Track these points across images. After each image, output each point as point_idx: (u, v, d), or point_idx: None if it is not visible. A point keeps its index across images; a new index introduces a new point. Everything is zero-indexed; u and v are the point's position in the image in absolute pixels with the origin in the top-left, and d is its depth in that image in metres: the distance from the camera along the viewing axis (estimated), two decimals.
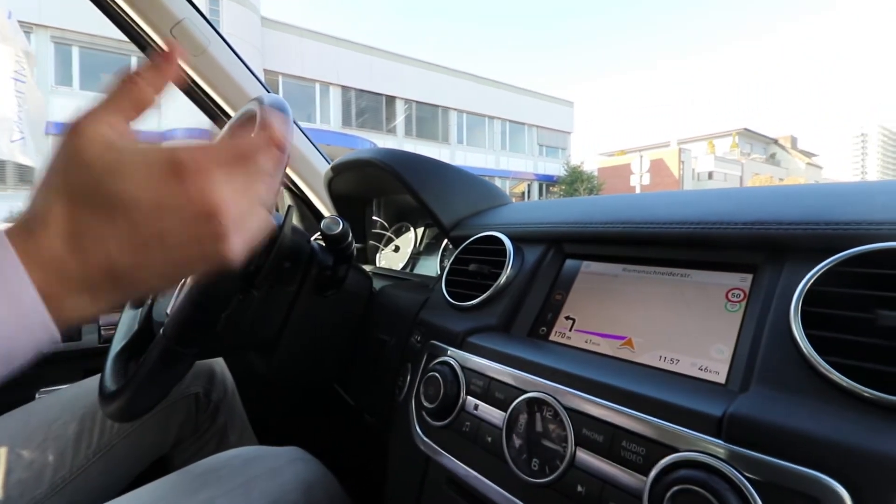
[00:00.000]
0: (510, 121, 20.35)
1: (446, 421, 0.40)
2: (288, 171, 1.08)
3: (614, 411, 0.30)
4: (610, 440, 0.29)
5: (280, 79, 13.91)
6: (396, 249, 1.01)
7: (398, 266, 0.96)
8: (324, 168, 1.00)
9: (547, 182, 21.84)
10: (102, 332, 0.89)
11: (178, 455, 0.75)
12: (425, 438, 0.42)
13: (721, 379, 0.33)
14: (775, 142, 35.25)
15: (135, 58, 0.81)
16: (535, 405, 0.34)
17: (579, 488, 0.30)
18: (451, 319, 0.50)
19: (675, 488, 0.24)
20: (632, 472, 0.28)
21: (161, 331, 0.46)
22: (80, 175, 0.22)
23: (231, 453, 0.57)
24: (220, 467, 0.53)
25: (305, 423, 1.03)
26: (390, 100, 16.90)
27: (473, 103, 18.75)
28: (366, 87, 15.96)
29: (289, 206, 0.56)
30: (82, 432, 0.63)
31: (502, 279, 0.51)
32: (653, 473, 0.26)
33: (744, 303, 0.35)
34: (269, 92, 0.94)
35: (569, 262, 0.50)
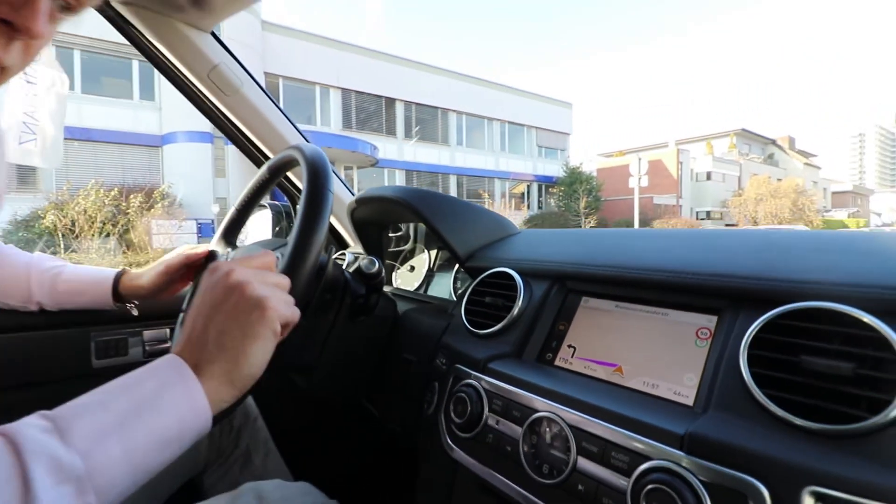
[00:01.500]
0: (509, 122, 20.47)
1: (472, 433, 0.49)
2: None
3: (606, 428, 0.39)
4: (602, 450, 0.39)
5: (281, 82, 13.99)
6: (412, 269, 1.11)
7: (414, 284, 1.06)
8: (347, 197, 1.09)
9: (546, 183, 21.97)
10: (147, 349, 0.98)
11: (207, 478, 0.82)
12: (455, 447, 0.51)
13: (690, 402, 0.42)
14: (773, 142, 35.49)
15: (135, 61, 0.90)
16: (544, 422, 0.44)
17: (580, 487, 0.39)
18: (472, 346, 0.59)
19: (649, 487, 0.34)
20: (619, 475, 0.37)
21: None
22: (210, 295, 0.39)
23: (241, 490, 0.60)
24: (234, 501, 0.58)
25: (330, 443, 1.13)
26: (390, 102, 17.00)
27: (472, 105, 18.87)
28: (366, 90, 16.05)
29: (330, 247, 0.65)
30: None
31: (515, 310, 0.60)
32: (633, 476, 0.36)
33: (709, 340, 0.45)
34: (299, 132, 1.03)
35: (571, 297, 0.59)
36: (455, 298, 0.88)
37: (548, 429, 0.43)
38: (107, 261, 7.54)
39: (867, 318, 0.34)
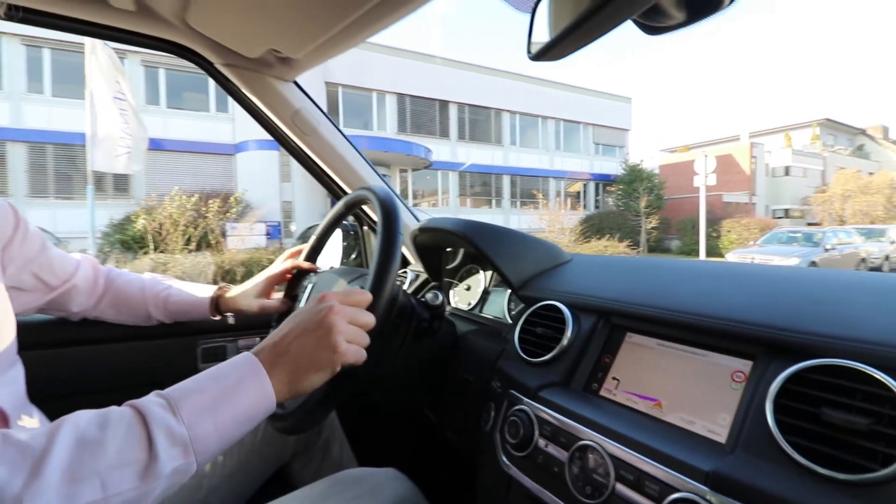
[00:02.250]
0: (564, 120, 20.04)
1: (524, 453, 0.57)
2: (372, 214, 1.29)
3: (642, 460, 0.45)
4: (638, 479, 0.45)
5: (340, 90, 14.65)
6: (468, 288, 1.19)
7: (469, 303, 1.14)
8: (411, 220, 1.20)
9: (604, 181, 21.29)
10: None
11: (294, 465, 0.95)
12: (509, 464, 0.59)
13: (723, 440, 0.47)
14: (863, 132, 32.00)
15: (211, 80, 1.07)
16: (588, 449, 0.50)
17: None
18: (524, 373, 0.66)
19: None
20: (651, 501, 0.43)
21: None
22: (301, 317, 0.50)
23: (339, 476, 0.69)
24: (330, 487, 0.66)
25: (394, 441, 1.24)
26: (444, 104, 17.23)
27: (526, 104, 18.67)
28: (420, 94, 16.38)
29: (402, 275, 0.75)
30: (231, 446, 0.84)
31: (564, 341, 0.66)
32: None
33: (743, 384, 0.49)
34: (371, 166, 1.15)
35: (616, 331, 0.65)
36: (509, 319, 0.95)
37: (591, 455, 0.50)
38: (189, 260, 8.32)
39: (885, 378, 0.38)
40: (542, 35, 0.59)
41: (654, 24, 0.56)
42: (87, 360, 1.00)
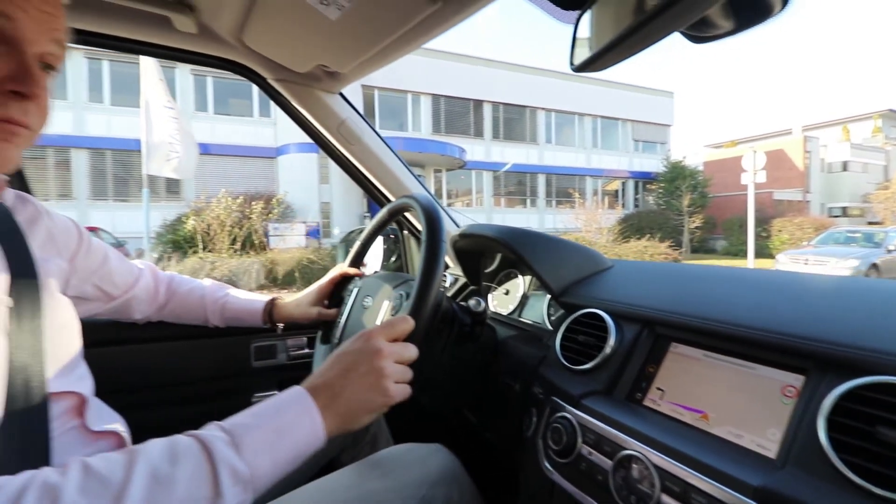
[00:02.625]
0: (602, 117, 19.57)
1: (567, 460, 0.58)
2: (413, 221, 1.33)
3: (689, 473, 0.46)
4: (684, 491, 0.45)
5: (376, 93, 14.91)
6: (507, 293, 1.20)
7: (509, 308, 1.15)
8: (450, 225, 1.23)
9: (643, 179, 20.63)
10: (290, 353, 1.21)
11: (343, 458, 1.00)
12: (552, 469, 0.60)
13: (773, 455, 0.46)
14: None
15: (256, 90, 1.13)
16: (633, 459, 0.51)
17: None
18: (566, 381, 0.67)
19: None
20: None
21: None
22: (352, 358, 0.51)
23: (386, 451, 0.72)
24: (378, 461, 0.70)
25: (436, 438, 1.27)
26: (478, 104, 17.20)
27: (562, 101, 18.35)
28: (454, 94, 16.42)
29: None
30: None
31: (607, 350, 0.67)
32: None
33: (795, 399, 0.48)
34: (414, 175, 1.19)
35: (660, 341, 0.65)
36: (549, 325, 0.96)
37: (635, 465, 0.50)
38: (235, 259, 8.70)
39: None
40: (586, 47, 0.60)
41: (700, 34, 0.56)
42: (150, 356, 1.09)
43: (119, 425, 0.64)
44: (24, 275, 0.53)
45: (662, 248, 11.30)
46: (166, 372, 1.11)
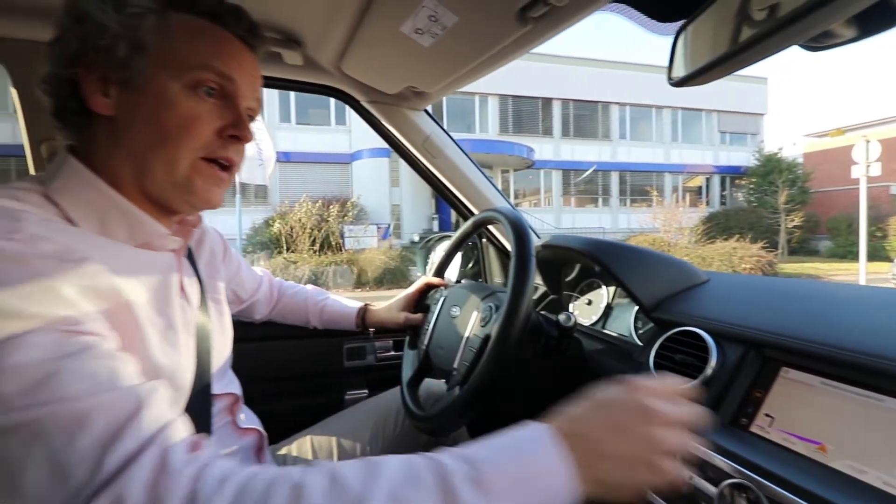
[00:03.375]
0: (682, 108, 18.29)
1: None
2: (494, 231, 1.35)
3: None
4: None
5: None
6: (589, 303, 1.19)
7: (592, 318, 1.14)
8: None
9: (731, 174, 19.00)
10: (378, 355, 1.29)
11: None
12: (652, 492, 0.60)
13: None
14: None
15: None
16: (741, 487, 0.50)
17: None
18: None
19: None
20: None
21: (462, 388, 0.73)
22: (622, 415, 0.41)
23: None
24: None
25: None
26: (546, 102, 16.86)
27: (637, 94, 17.39)
28: (522, 93, 16.21)
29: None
30: (374, 436, 0.93)
31: (708, 371, 0.65)
32: None
33: None
34: (496, 188, 1.22)
35: (768, 364, 0.62)
36: (637, 340, 0.94)
37: (745, 494, 0.49)
38: (314, 259, 9.31)
39: None
40: (686, 60, 0.59)
41: (818, 44, 0.53)
42: (259, 353, 1.21)
43: (258, 424, 0.73)
44: (204, 291, 0.63)
45: (754, 250, 10.24)
46: (269, 368, 1.23)
